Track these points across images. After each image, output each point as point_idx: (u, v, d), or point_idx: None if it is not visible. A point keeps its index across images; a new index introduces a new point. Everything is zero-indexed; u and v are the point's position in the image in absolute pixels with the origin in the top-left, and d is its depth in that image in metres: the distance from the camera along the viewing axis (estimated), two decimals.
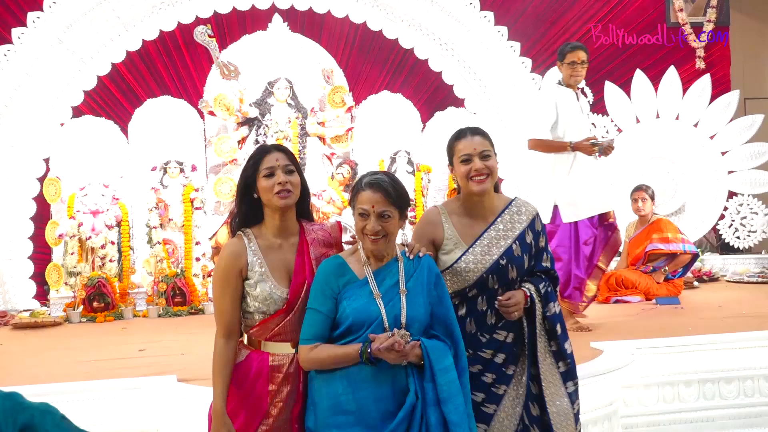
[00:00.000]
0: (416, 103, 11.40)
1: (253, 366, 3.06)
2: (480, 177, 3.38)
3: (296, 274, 3.08)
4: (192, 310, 9.10)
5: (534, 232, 3.47)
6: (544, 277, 3.48)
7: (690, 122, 11.33)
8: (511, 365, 3.38)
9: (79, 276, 9.07)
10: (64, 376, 5.40)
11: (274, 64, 10.84)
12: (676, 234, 9.00)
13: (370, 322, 2.95)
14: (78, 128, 10.20)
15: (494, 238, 3.41)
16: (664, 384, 5.60)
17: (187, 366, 5.65)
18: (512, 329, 3.39)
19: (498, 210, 3.48)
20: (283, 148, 3.19)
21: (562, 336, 3.45)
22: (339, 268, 3.06)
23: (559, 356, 3.43)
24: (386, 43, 11.58)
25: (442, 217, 3.48)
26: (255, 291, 3.03)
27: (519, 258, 3.40)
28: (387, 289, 3.02)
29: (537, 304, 3.38)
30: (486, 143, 3.44)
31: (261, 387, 3.04)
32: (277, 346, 3.07)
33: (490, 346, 3.36)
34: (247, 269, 3.05)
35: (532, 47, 11.61)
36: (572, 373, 3.46)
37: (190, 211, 9.82)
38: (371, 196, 3.02)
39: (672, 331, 6.25)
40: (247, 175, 3.12)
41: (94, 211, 9.51)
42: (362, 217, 3.03)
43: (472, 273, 3.35)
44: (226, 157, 10.49)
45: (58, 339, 7.60)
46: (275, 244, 3.12)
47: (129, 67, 10.93)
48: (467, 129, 3.51)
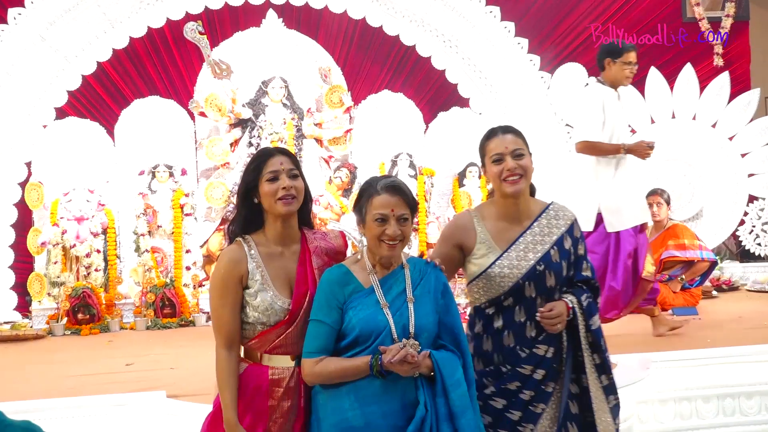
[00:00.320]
0: (418, 103, 11.41)
1: (252, 380, 3.05)
2: (513, 177, 3.35)
3: (298, 284, 3.08)
4: (182, 322, 9.10)
5: (573, 239, 3.46)
6: (585, 287, 3.45)
7: (708, 122, 11.33)
8: (551, 382, 3.34)
9: (62, 286, 9.07)
10: (47, 392, 5.40)
11: (269, 62, 10.86)
12: (693, 240, 8.99)
13: (378, 332, 2.95)
14: (62, 130, 10.22)
15: (531, 243, 3.38)
16: (681, 399, 5.58)
17: (177, 381, 5.66)
18: (553, 343, 3.34)
19: (534, 214, 3.45)
20: (287, 151, 3.19)
21: (605, 349, 3.43)
22: (344, 276, 3.06)
23: (602, 370, 3.41)
24: (387, 39, 11.59)
25: (474, 220, 3.47)
26: (255, 301, 3.03)
27: (557, 264, 3.38)
28: (394, 297, 3.03)
29: (579, 317, 3.35)
30: (519, 141, 3.42)
31: (260, 402, 3.03)
32: (277, 359, 3.06)
33: (529, 362, 3.32)
34: (248, 277, 3.04)
35: (541, 44, 11.61)
36: (613, 387, 3.45)
37: (179, 218, 9.82)
38: (390, 200, 3.03)
39: (689, 344, 6.25)
40: (249, 179, 3.12)
41: (79, 217, 9.51)
42: (380, 223, 3.02)
43: (507, 279, 3.33)
44: (218, 160, 10.50)
45: (40, 353, 7.60)
46: (276, 252, 3.12)
47: (115, 66, 10.94)
48: (498, 128, 3.49)
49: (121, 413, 4.93)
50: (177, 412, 4.89)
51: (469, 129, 11.18)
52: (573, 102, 6.70)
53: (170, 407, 4.94)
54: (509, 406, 3.28)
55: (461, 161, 10.95)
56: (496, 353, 3.37)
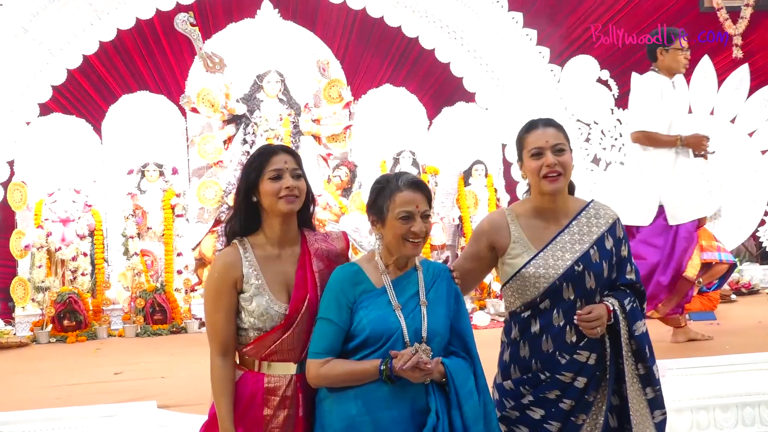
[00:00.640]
0: (422, 97, 11.43)
1: (248, 388, 3.05)
2: (552, 174, 3.31)
3: (297, 288, 3.08)
4: (173, 329, 9.12)
5: (615, 239, 3.40)
6: (629, 291, 3.40)
7: (726, 117, 11.35)
8: (593, 391, 3.30)
9: (47, 291, 9.09)
10: (32, 402, 5.42)
11: (264, 55, 10.88)
12: (710, 242, 8.98)
13: (389, 334, 2.97)
14: (46, 127, 10.25)
15: (569, 242, 3.35)
16: (699, 408, 5.59)
17: (169, 391, 5.67)
18: (596, 349, 3.30)
19: (573, 212, 3.42)
20: (292, 150, 3.20)
21: (651, 358, 3.39)
22: (355, 275, 3.08)
23: (647, 381, 3.38)
24: (388, 31, 11.61)
25: (508, 218, 3.44)
26: (250, 306, 3.04)
27: (597, 265, 3.33)
28: (406, 299, 3.05)
29: (621, 321, 3.30)
30: (560, 136, 3.37)
31: (255, 412, 3.04)
32: (273, 366, 3.07)
33: (570, 369, 3.27)
34: (242, 281, 3.05)
35: (550, 35, 11.62)
36: (660, 400, 3.41)
37: (170, 219, 9.84)
38: (414, 197, 3.05)
39: (707, 350, 6.26)
40: (250, 176, 3.11)
41: (64, 219, 9.54)
42: (405, 220, 3.02)
43: (543, 279, 3.30)
44: (211, 158, 10.52)
45: (24, 361, 7.61)
46: (273, 255, 3.12)
47: (102, 60, 10.96)
48: (540, 120, 3.43)
49: (109, 425, 4.94)
50: (168, 423, 4.91)
51: (475, 125, 11.23)
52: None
53: (161, 418, 4.96)
54: (548, 417, 3.26)
55: (467, 159, 10.96)
56: (534, 359, 3.33)
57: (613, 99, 11.53)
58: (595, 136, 11.55)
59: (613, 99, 11.53)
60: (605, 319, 3.27)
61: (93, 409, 5.07)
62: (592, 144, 11.54)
